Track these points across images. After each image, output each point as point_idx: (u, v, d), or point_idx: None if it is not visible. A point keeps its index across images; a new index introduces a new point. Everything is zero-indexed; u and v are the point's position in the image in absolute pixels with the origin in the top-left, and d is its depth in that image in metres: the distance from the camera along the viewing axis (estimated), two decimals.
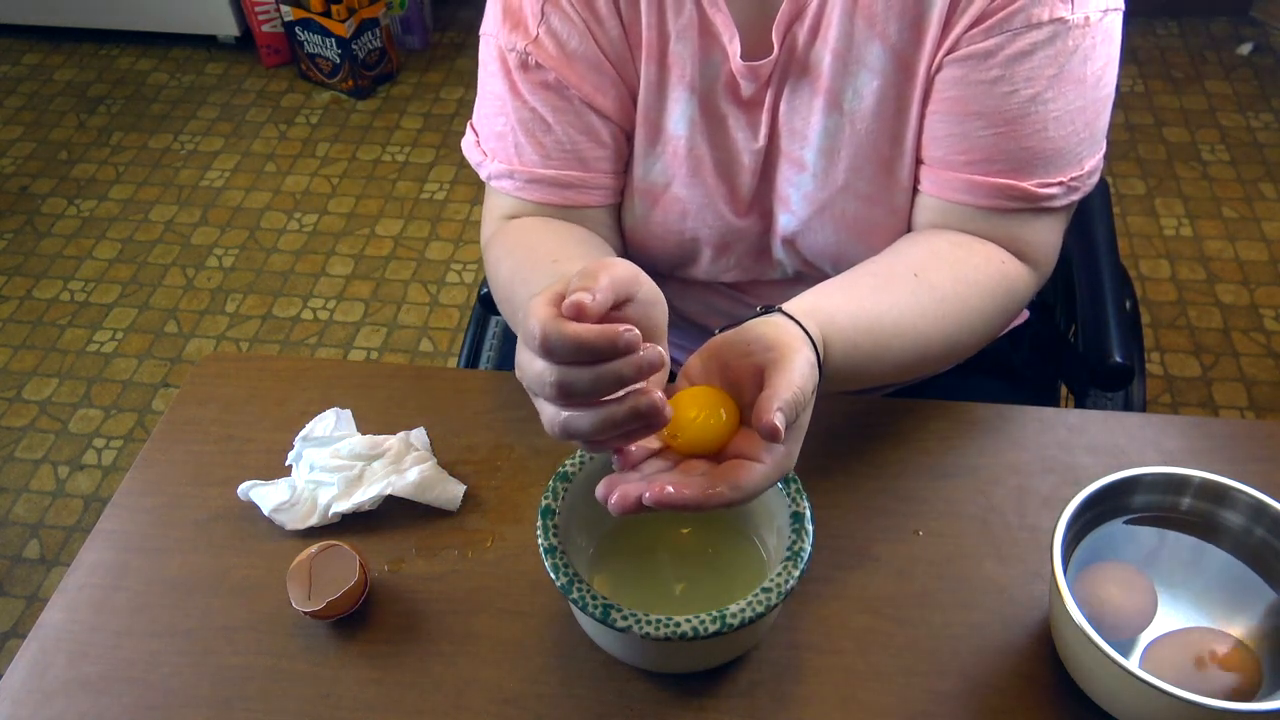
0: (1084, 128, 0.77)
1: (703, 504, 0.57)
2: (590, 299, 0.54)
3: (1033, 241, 0.81)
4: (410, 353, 2.09)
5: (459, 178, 2.48)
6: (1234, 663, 0.65)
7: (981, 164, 0.78)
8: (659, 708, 0.70)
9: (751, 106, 0.83)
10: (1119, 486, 0.69)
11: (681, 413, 0.61)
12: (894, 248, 0.82)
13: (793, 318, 0.66)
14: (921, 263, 0.78)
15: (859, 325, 0.71)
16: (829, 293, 0.74)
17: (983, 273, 0.79)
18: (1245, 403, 1.92)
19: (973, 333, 0.79)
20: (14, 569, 1.77)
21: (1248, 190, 2.33)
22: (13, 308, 2.22)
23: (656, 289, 0.62)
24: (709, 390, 0.63)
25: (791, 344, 0.62)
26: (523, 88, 0.82)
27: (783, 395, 0.58)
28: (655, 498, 0.57)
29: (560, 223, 0.86)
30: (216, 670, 0.73)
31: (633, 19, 0.81)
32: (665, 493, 0.57)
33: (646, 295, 0.61)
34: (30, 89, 2.81)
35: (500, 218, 0.89)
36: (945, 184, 0.80)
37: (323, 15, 2.57)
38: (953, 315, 0.77)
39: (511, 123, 0.84)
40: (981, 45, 0.75)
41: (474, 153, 0.89)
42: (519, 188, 0.86)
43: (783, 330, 0.64)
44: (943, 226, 0.82)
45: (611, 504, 0.58)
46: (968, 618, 0.73)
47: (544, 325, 0.54)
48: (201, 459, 0.86)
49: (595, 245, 0.85)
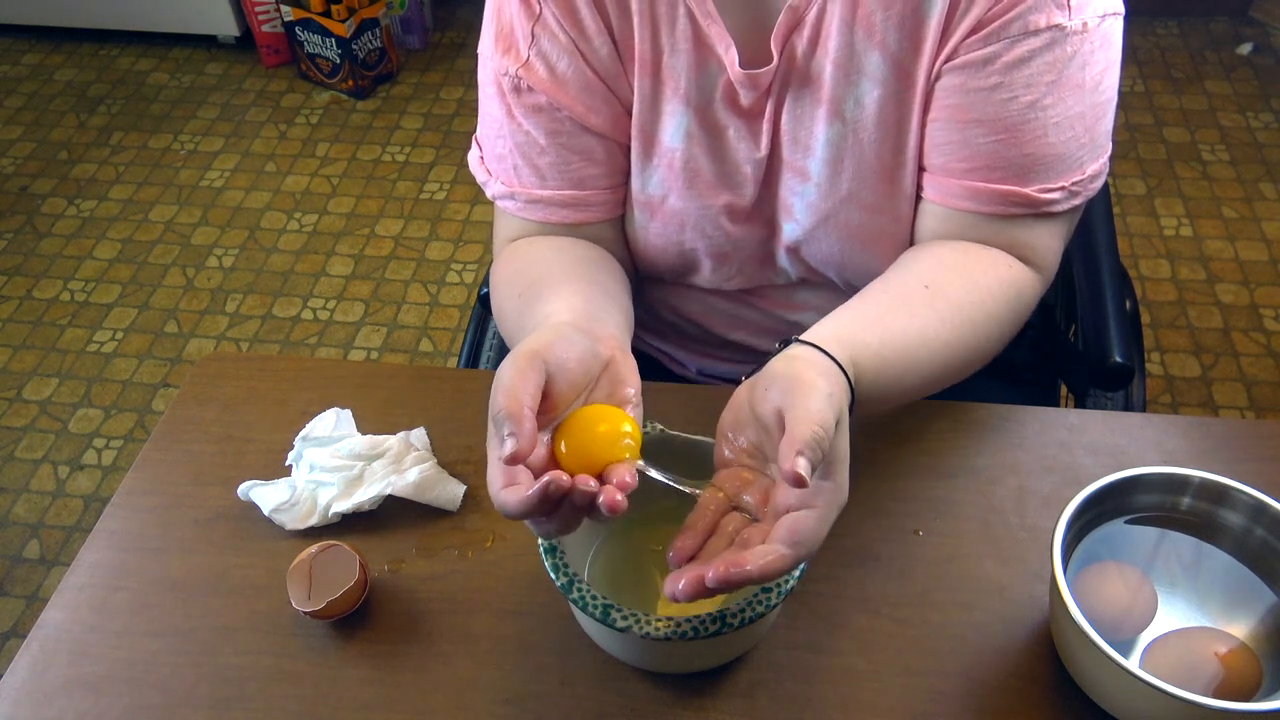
0: (1084, 133, 0.77)
1: (768, 572, 0.57)
2: (514, 448, 0.58)
3: (1036, 246, 0.81)
4: (410, 353, 2.09)
5: (459, 178, 2.48)
6: (1234, 663, 0.65)
7: (982, 171, 0.78)
8: (659, 708, 0.70)
9: (752, 116, 0.83)
10: (1119, 486, 0.69)
11: (569, 429, 0.63)
12: (900, 263, 0.82)
13: (819, 347, 0.66)
14: (931, 274, 0.78)
15: (885, 342, 0.71)
16: (849, 316, 0.73)
17: (992, 278, 0.79)
18: (1245, 403, 1.92)
19: (989, 339, 0.79)
20: (14, 569, 1.77)
21: (1248, 190, 2.33)
22: (13, 308, 2.22)
23: (596, 357, 0.66)
24: (602, 409, 0.64)
25: (803, 378, 0.61)
26: (517, 111, 0.83)
27: (801, 437, 0.57)
28: (718, 577, 0.56)
29: (563, 240, 0.86)
30: (216, 670, 0.73)
31: (625, 35, 0.81)
32: (724, 571, 0.56)
33: (617, 373, 0.67)
34: (30, 89, 2.81)
35: (506, 238, 0.90)
36: (947, 191, 0.80)
37: (323, 15, 2.57)
38: (970, 323, 0.77)
39: (509, 145, 0.85)
40: (979, 53, 0.75)
41: (479, 171, 0.90)
42: (521, 208, 0.87)
43: (796, 365, 0.63)
44: (946, 234, 0.82)
45: (678, 594, 0.58)
46: (968, 618, 0.73)
47: (503, 506, 0.59)
48: (201, 459, 0.86)
49: (592, 262, 0.84)
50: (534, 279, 0.80)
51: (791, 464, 0.56)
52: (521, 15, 0.80)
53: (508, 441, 0.58)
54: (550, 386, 0.63)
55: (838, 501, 0.60)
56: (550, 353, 0.63)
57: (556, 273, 0.80)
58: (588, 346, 0.66)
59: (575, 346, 0.65)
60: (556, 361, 0.63)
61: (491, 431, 0.61)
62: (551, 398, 0.63)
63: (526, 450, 0.58)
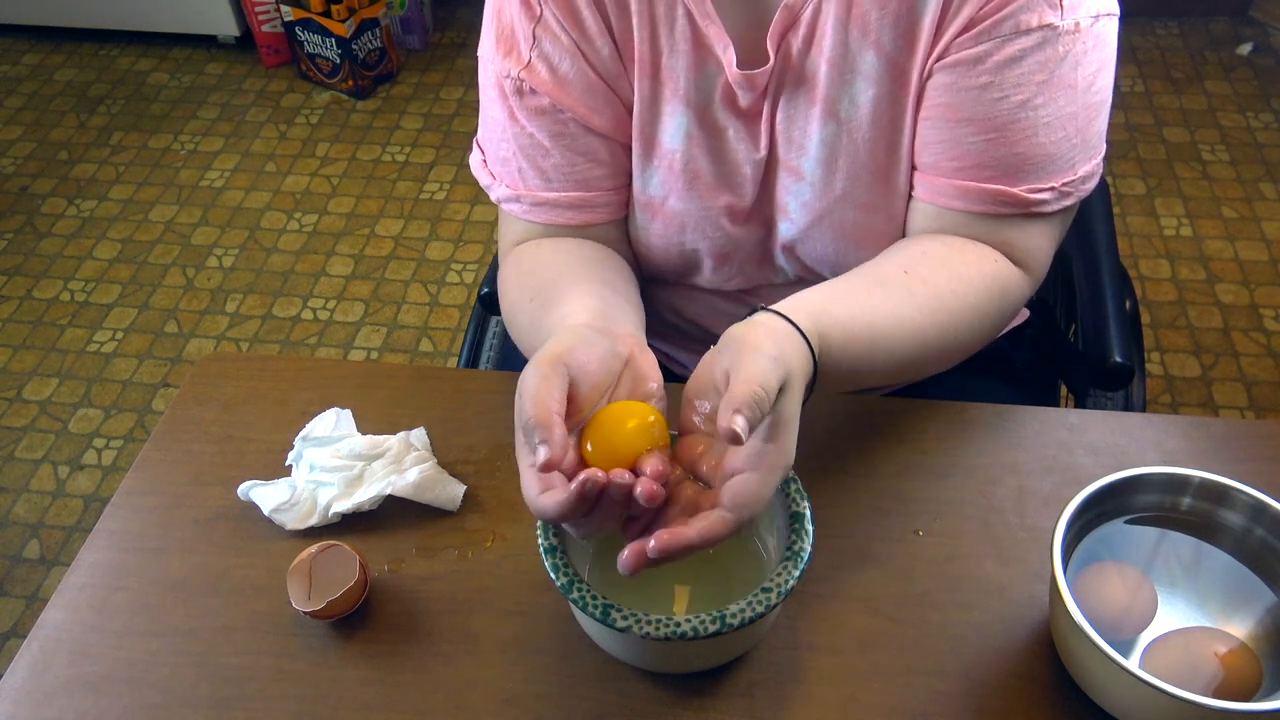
0: (1075, 133, 0.77)
1: (709, 537, 0.58)
2: (547, 455, 0.58)
3: (1025, 246, 0.81)
4: (410, 353, 2.09)
5: (459, 178, 2.48)
6: (1234, 663, 0.65)
7: (972, 170, 0.78)
8: (659, 708, 0.70)
9: (751, 117, 0.83)
10: (1119, 486, 0.69)
11: (595, 428, 0.63)
12: (885, 252, 0.82)
13: (782, 315, 0.66)
14: (912, 261, 0.79)
15: (855, 316, 0.72)
16: (820, 291, 0.74)
17: (975, 270, 0.79)
18: (1245, 403, 1.92)
19: (970, 330, 0.79)
20: (14, 569, 1.77)
21: (1248, 190, 2.33)
22: (13, 308, 2.22)
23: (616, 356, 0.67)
24: (626, 405, 0.64)
25: (750, 340, 0.62)
26: (520, 114, 0.83)
27: (740, 395, 0.58)
28: (660, 547, 0.57)
29: (570, 242, 0.86)
30: (216, 670, 0.73)
31: (625, 36, 0.81)
32: (667, 540, 0.57)
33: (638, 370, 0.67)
34: (30, 89, 2.81)
35: (511, 240, 0.89)
36: (937, 190, 0.80)
37: (323, 15, 2.57)
38: (947, 311, 0.77)
39: (513, 148, 0.85)
40: (971, 51, 0.75)
41: (482, 174, 0.90)
42: (526, 211, 0.86)
43: (750, 329, 0.64)
44: (936, 231, 0.82)
45: (622, 566, 0.59)
46: (968, 618, 0.73)
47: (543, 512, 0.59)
48: (201, 459, 0.86)
49: (600, 262, 0.85)
50: (545, 283, 0.80)
51: (729, 421, 0.56)
52: (522, 17, 0.80)
53: (540, 450, 0.58)
54: (574, 390, 0.63)
55: (780, 465, 0.60)
56: (571, 356, 0.64)
57: (567, 275, 0.81)
58: (607, 346, 0.66)
59: (595, 348, 0.66)
60: (578, 365, 0.64)
61: (520, 440, 0.61)
62: (576, 400, 0.63)
63: (560, 457, 0.59)
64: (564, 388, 0.62)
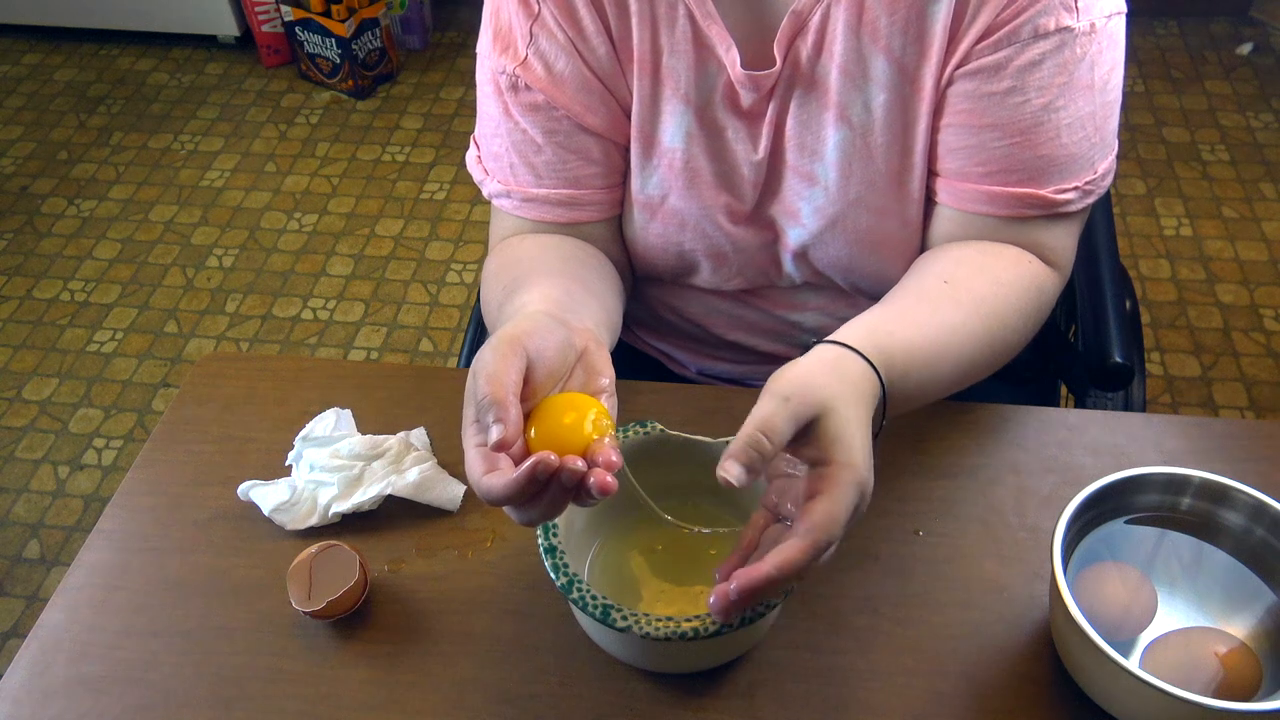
0: (1094, 132, 0.78)
1: (786, 567, 0.58)
2: (501, 435, 0.58)
3: (1053, 246, 0.81)
4: (410, 353, 2.09)
5: (459, 178, 2.48)
6: (1234, 663, 0.65)
7: (999, 174, 0.78)
8: (659, 708, 0.70)
9: (752, 118, 0.83)
10: (1119, 486, 0.69)
11: (542, 416, 0.62)
12: (917, 265, 0.82)
13: (847, 345, 0.67)
14: (949, 272, 0.79)
15: (913, 335, 0.72)
16: (872, 316, 0.74)
17: (1012, 274, 0.79)
18: (1245, 403, 1.92)
19: (1015, 330, 0.79)
20: (14, 569, 1.77)
21: (1248, 190, 2.33)
22: (13, 308, 2.22)
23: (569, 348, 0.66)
24: (574, 396, 0.64)
25: (770, 384, 0.62)
26: (514, 110, 0.83)
27: (735, 442, 0.59)
28: (739, 586, 0.58)
29: (553, 238, 0.86)
30: (216, 670, 0.73)
31: (623, 35, 0.81)
32: (747, 579, 0.58)
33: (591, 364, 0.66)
34: (30, 89, 2.81)
35: (500, 235, 0.89)
36: (963, 196, 0.80)
37: (323, 15, 2.57)
38: (994, 315, 0.77)
39: (506, 144, 0.85)
40: (991, 58, 0.75)
41: (476, 169, 0.90)
42: (517, 206, 0.87)
43: (785, 367, 0.64)
44: (961, 237, 0.82)
45: (714, 612, 0.60)
46: (968, 618, 0.73)
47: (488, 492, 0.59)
48: (201, 459, 0.86)
49: (577, 259, 0.84)
50: (519, 273, 0.80)
51: (720, 470, 0.58)
52: (520, 14, 0.80)
53: (494, 429, 0.58)
54: (529, 374, 0.63)
55: (850, 480, 0.60)
56: (530, 340, 0.63)
57: (540, 268, 0.81)
58: (564, 336, 0.66)
59: (553, 335, 0.65)
60: (536, 349, 0.63)
61: (469, 418, 0.60)
62: (530, 385, 0.63)
63: (513, 437, 0.58)
64: (521, 369, 0.61)
